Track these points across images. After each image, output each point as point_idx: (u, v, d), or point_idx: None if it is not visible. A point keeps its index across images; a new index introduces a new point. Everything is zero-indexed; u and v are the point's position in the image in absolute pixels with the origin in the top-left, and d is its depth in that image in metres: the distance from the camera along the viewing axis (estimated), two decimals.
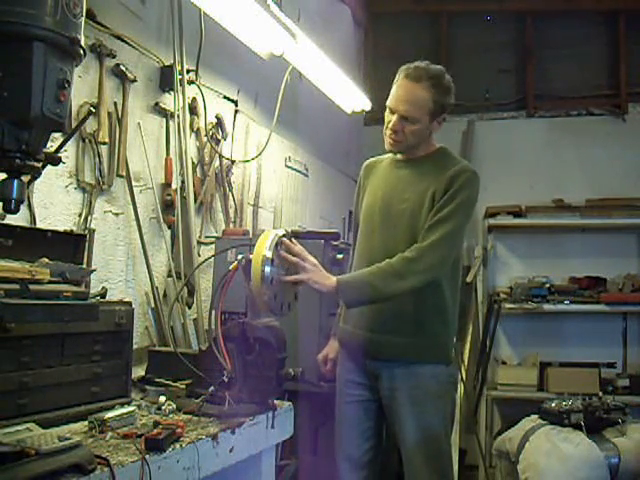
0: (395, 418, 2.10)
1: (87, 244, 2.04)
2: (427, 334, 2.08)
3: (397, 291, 1.96)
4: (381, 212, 2.15)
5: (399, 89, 2.08)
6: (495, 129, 5.08)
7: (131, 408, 1.58)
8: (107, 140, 2.28)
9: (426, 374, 2.07)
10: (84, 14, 1.24)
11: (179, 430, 1.46)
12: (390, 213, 2.12)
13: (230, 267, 1.83)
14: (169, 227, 2.67)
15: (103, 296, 1.76)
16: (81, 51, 1.24)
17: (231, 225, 3.13)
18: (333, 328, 2.39)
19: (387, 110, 2.11)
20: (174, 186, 2.66)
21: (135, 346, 2.06)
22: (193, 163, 2.79)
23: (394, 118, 2.08)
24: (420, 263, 1.96)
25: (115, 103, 2.35)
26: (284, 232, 1.94)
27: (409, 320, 2.06)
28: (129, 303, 1.84)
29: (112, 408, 1.57)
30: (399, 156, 2.22)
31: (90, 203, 2.22)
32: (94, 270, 1.96)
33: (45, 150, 1.28)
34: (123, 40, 2.38)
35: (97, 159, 2.25)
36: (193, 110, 2.80)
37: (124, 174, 2.38)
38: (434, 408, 2.06)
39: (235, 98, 3.22)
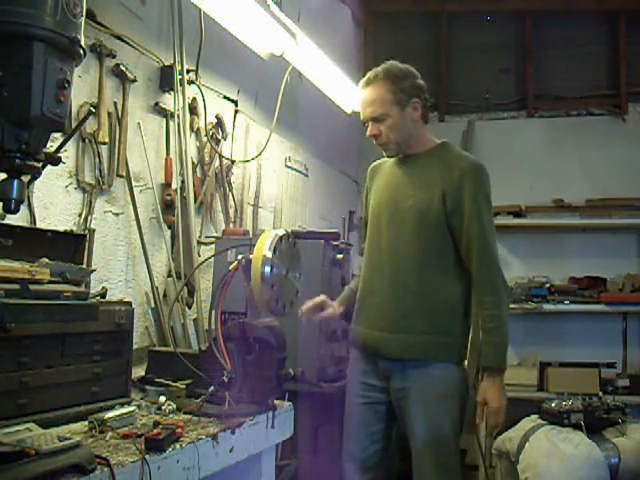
0: (406, 416, 2.10)
1: (87, 244, 2.04)
2: (438, 332, 2.09)
3: (507, 323, 2.15)
4: (388, 211, 2.16)
5: (361, 99, 2.18)
6: (495, 129, 5.08)
7: (131, 408, 1.58)
8: (107, 140, 2.28)
9: (437, 374, 2.07)
10: (84, 14, 1.24)
11: (179, 430, 1.46)
12: (397, 211, 2.14)
13: (230, 267, 1.83)
14: (169, 227, 2.67)
15: (103, 296, 1.76)
16: (81, 51, 1.24)
17: (231, 225, 3.13)
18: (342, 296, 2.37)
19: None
20: (174, 186, 2.66)
21: (135, 346, 2.06)
22: (193, 163, 2.79)
23: (369, 126, 2.15)
24: (500, 297, 2.13)
25: (115, 103, 2.35)
26: (284, 232, 1.94)
27: (420, 318, 2.08)
28: (129, 303, 1.84)
29: (112, 408, 1.57)
30: (400, 156, 2.23)
31: (90, 203, 2.22)
32: (94, 270, 1.96)
33: (45, 150, 1.28)
34: (123, 40, 2.38)
35: (97, 159, 2.25)
36: (193, 110, 2.79)
37: (124, 174, 2.38)
38: (444, 408, 2.06)
39: (235, 98, 3.22)
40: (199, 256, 2.78)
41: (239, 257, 1.82)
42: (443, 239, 2.10)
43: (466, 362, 2.23)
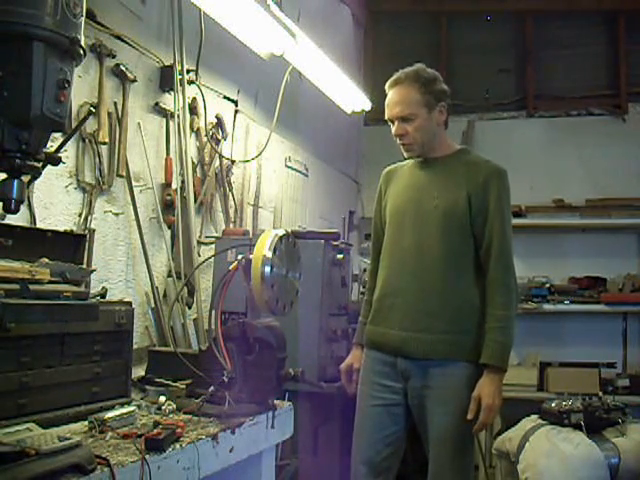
0: (424, 415, 2.10)
1: (87, 244, 2.04)
2: (461, 332, 2.09)
3: (514, 325, 2.09)
4: (411, 211, 2.17)
5: (388, 98, 2.18)
6: (495, 129, 5.08)
7: (131, 408, 1.58)
8: (107, 140, 2.28)
9: (459, 374, 2.07)
10: (84, 14, 1.24)
11: (179, 430, 1.46)
12: (421, 211, 2.15)
13: (230, 267, 1.82)
14: (169, 227, 2.67)
15: (103, 296, 1.75)
16: (81, 51, 1.24)
17: (231, 225, 3.13)
18: (356, 336, 2.36)
19: (390, 125, 2.19)
20: (174, 186, 2.66)
21: (135, 346, 2.06)
22: (193, 163, 2.79)
23: (395, 125, 2.15)
24: (511, 298, 2.10)
25: (115, 103, 2.35)
26: (284, 232, 1.94)
27: (444, 318, 2.08)
28: (129, 303, 1.84)
29: (112, 408, 1.57)
30: (420, 158, 2.24)
31: (90, 203, 2.22)
32: (94, 270, 1.96)
33: (45, 150, 1.28)
34: (123, 40, 2.38)
35: (97, 159, 2.25)
36: (193, 110, 2.79)
37: (124, 174, 2.37)
38: (465, 407, 2.03)
39: (235, 98, 3.22)
40: (199, 256, 2.78)
41: (239, 257, 1.82)
42: (466, 240, 2.12)
43: None
